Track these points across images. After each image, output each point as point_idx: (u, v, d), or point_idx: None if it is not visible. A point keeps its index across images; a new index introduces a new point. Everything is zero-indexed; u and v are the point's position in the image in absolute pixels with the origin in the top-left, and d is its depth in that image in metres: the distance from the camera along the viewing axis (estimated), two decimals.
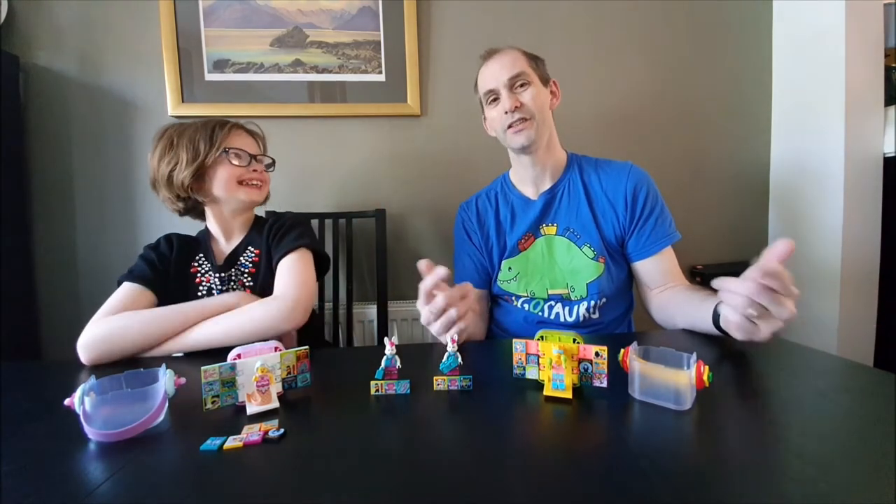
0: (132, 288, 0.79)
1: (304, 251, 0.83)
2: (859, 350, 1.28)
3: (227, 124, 0.87)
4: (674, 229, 0.89)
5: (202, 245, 0.91)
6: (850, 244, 1.24)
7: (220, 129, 0.85)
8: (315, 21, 1.31)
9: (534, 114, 0.86)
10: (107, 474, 0.37)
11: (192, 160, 0.83)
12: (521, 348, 0.54)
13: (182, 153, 0.83)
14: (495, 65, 0.88)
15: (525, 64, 0.87)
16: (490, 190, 1.02)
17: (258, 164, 0.90)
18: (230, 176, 0.85)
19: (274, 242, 0.87)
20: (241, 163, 0.86)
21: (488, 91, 0.89)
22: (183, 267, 0.87)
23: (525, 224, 0.93)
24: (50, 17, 1.26)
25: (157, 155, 0.86)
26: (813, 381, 0.54)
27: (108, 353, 0.68)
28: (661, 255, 0.87)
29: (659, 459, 0.37)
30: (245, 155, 0.87)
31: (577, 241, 0.90)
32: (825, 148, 1.27)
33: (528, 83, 0.86)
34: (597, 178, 0.92)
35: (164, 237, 0.91)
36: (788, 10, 1.38)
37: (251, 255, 0.89)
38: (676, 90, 1.42)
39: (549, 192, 0.93)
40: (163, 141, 0.86)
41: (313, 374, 0.54)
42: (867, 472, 0.35)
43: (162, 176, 0.85)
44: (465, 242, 1.00)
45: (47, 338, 1.31)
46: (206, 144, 0.83)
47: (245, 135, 0.90)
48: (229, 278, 0.87)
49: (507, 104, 0.85)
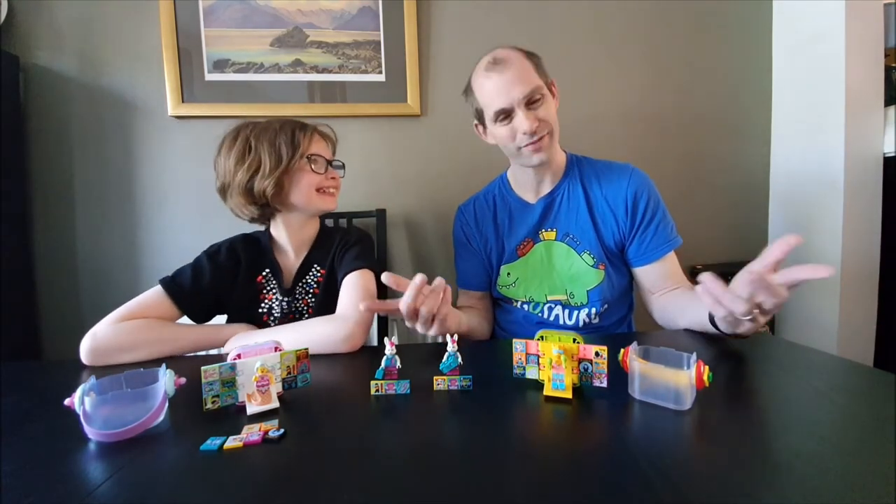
0: (162, 297, 0.77)
1: (367, 271, 0.82)
2: (859, 350, 1.28)
3: (308, 128, 0.83)
4: (675, 234, 0.88)
5: (268, 257, 0.88)
6: (850, 244, 1.24)
7: (300, 133, 0.81)
8: (315, 21, 1.31)
9: (551, 129, 0.83)
10: (107, 474, 0.37)
11: (276, 166, 0.78)
12: (521, 348, 0.54)
13: (265, 158, 0.78)
14: (502, 80, 0.79)
15: (534, 74, 0.81)
16: (488, 192, 1.00)
17: (334, 170, 0.87)
18: (309, 183, 0.82)
19: (339, 259, 0.86)
20: (320, 169, 0.83)
21: (500, 111, 0.81)
22: (250, 277, 0.85)
23: (524, 229, 0.92)
24: (50, 17, 1.25)
25: (234, 159, 0.79)
26: (813, 381, 0.54)
27: (109, 360, 0.68)
28: (663, 261, 0.86)
29: (659, 459, 0.37)
30: (323, 161, 0.84)
31: (576, 247, 0.89)
32: (825, 148, 1.27)
33: (542, 97, 0.81)
34: (597, 182, 0.90)
35: (229, 244, 0.87)
36: (788, 10, 1.38)
37: (316, 275, 0.87)
38: (676, 90, 1.42)
39: (549, 196, 0.91)
40: (238, 144, 0.80)
41: (313, 374, 0.54)
42: (867, 472, 0.35)
43: (240, 183, 0.79)
44: (465, 245, 0.99)
45: (47, 338, 1.30)
46: (288, 149, 0.79)
47: (321, 139, 0.86)
48: (294, 300, 0.85)
49: (527, 126, 0.78)
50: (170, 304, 0.77)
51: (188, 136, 1.31)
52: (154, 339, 0.71)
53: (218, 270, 0.82)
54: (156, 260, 1.31)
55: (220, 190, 0.84)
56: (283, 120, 0.83)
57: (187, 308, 0.79)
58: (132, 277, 1.30)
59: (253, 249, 0.88)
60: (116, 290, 1.29)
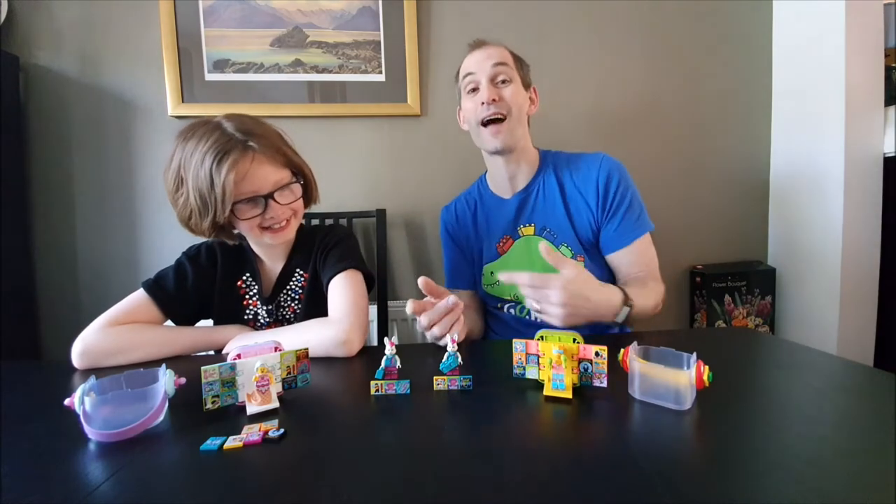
0: (146, 301, 0.75)
1: (353, 271, 0.78)
2: (859, 350, 1.28)
3: (224, 162, 0.66)
4: (645, 220, 0.87)
5: (249, 262, 0.84)
6: (850, 244, 1.24)
7: (216, 172, 0.66)
8: (315, 21, 1.31)
9: (510, 110, 0.83)
10: (107, 474, 0.37)
11: (205, 212, 0.69)
12: (521, 348, 0.54)
13: (193, 200, 0.69)
14: (481, 53, 0.86)
15: (510, 60, 0.86)
16: (469, 194, 1.02)
17: (279, 202, 0.73)
18: (249, 226, 0.73)
19: (321, 261, 0.82)
20: (257, 211, 0.72)
21: (468, 74, 0.86)
22: (229, 282, 0.82)
23: (501, 226, 0.93)
24: (50, 17, 1.25)
25: (170, 187, 0.72)
26: (813, 381, 0.54)
27: (104, 364, 0.67)
28: (633, 247, 0.85)
29: (659, 459, 0.37)
30: (259, 200, 0.71)
31: (554, 240, 0.89)
32: (825, 148, 1.27)
33: (510, 80, 0.85)
34: (569, 172, 0.90)
35: (207, 245, 0.82)
36: (788, 10, 1.38)
37: (300, 280, 0.83)
38: (676, 90, 1.42)
39: (524, 191, 0.92)
40: (174, 164, 0.71)
41: (313, 374, 0.54)
42: (867, 472, 0.35)
43: (181, 217, 0.73)
44: (451, 246, 1.01)
45: (47, 338, 1.31)
46: (209, 197, 0.68)
47: (252, 167, 0.69)
48: (277, 307, 0.82)
49: (486, 95, 0.83)
50: (154, 308, 0.75)
51: None
52: (147, 342, 0.70)
53: (200, 273, 0.80)
54: (156, 260, 1.31)
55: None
56: (209, 139, 0.68)
57: (171, 312, 0.77)
58: (132, 277, 1.30)
59: (232, 252, 0.83)
60: (116, 290, 1.29)
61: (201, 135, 0.70)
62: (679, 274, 1.45)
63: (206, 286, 0.81)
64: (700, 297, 1.41)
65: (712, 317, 1.40)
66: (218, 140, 0.68)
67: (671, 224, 1.41)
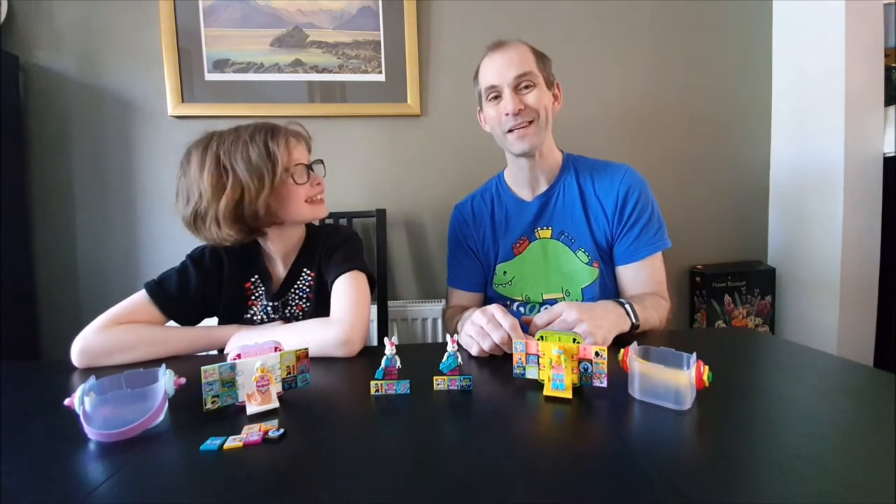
0: (148, 302, 0.75)
1: (357, 272, 0.77)
2: (859, 350, 1.28)
3: (279, 132, 0.74)
4: (662, 237, 0.87)
5: (258, 264, 0.84)
6: (850, 244, 1.24)
7: (273, 143, 0.72)
8: (315, 21, 1.31)
9: (537, 116, 0.83)
10: (107, 474, 0.37)
11: (260, 188, 0.70)
12: (521, 348, 0.54)
13: (247, 179, 0.70)
14: (501, 59, 0.82)
15: (533, 63, 0.83)
16: (485, 190, 1.00)
17: (316, 175, 0.80)
18: (297, 197, 0.76)
19: (325, 262, 0.82)
20: (303, 179, 0.76)
21: (490, 87, 0.84)
22: (237, 284, 0.82)
23: (520, 227, 0.92)
24: (50, 17, 1.25)
25: (209, 182, 0.70)
26: (813, 381, 0.54)
27: (103, 363, 0.67)
28: (643, 263, 0.86)
29: (659, 459, 0.37)
30: (304, 169, 0.77)
31: (571, 245, 0.89)
32: (825, 148, 1.27)
33: (534, 84, 0.82)
34: (591, 180, 0.90)
35: (211, 248, 0.81)
36: (788, 10, 1.38)
37: (307, 279, 0.84)
38: (676, 90, 1.42)
39: (545, 195, 0.91)
40: (210, 164, 0.71)
41: (313, 374, 0.54)
42: (867, 472, 0.35)
43: (224, 210, 0.70)
44: (460, 245, 0.99)
45: (47, 338, 1.30)
46: (266, 165, 0.71)
47: (297, 142, 0.78)
48: (284, 305, 0.83)
49: (510, 107, 0.81)
50: (155, 310, 0.75)
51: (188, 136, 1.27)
52: (145, 341, 0.70)
53: (204, 276, 0.80)
54: (156, 260, 1.31)
55: (193, 217, 0.73)
56: (250, 128, 0.74)
57: (173, 315, 0.77)
58: (132, 277, 1.30)
59: (239, 254, 0.82)
60: (116, 290, 1.29)
61: (229, 133, 0.74)
62: (679, 274, 1.45)
63: (209, 289, 0.81)
64: (700, 297, 1.41)
65: (712, 317, 1.40)
66: (256, 125, 0.75)
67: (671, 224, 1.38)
